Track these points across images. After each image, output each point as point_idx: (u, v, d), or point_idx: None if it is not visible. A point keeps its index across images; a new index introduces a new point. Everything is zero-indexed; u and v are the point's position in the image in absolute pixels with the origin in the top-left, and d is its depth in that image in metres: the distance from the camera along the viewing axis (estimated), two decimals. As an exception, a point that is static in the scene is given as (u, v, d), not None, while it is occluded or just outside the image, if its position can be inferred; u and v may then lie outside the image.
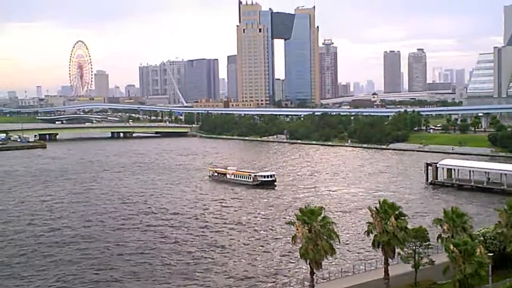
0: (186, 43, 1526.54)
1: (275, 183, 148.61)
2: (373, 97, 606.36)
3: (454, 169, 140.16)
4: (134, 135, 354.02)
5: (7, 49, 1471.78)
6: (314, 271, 55.40)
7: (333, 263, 69.01)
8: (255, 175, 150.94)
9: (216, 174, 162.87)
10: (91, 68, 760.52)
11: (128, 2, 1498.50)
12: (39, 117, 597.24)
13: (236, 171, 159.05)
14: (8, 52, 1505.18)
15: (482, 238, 62.14)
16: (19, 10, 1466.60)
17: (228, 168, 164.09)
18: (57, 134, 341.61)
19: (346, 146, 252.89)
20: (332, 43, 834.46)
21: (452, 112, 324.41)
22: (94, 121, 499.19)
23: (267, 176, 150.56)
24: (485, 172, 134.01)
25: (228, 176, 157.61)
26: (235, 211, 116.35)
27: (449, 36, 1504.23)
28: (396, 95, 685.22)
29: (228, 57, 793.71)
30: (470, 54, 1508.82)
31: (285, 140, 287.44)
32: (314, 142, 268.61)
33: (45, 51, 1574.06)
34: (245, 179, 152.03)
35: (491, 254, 56.67)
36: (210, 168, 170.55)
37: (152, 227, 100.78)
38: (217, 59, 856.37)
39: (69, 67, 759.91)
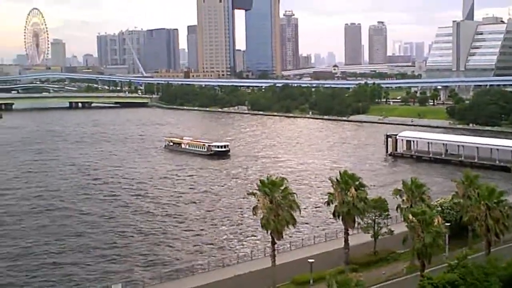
0: (145, 13, 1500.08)
1: (229, 153, 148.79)
2: (334, 69, 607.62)
3: (413, 141, 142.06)
4: (93, 105, 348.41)
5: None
6: (275, 241, 55.50)
7: (294, 233, 69.28)
8: (209, 145, 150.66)
9: (171, 144, 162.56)
10: (47, 36, 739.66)
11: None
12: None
13: (191, 141, 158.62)
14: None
15: (439, 209, 63.28)
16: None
17: (184, 138, 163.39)
18: (12, 103, 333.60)
19: (307, 117, 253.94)
20: (293, 15, 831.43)
21: (412, 85, 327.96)
22: (51, 91, 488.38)
23: (221, 147, 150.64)
24: (443, 144, 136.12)
25: (183, 146, 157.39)
26: (186, 182, 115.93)
27: (409, 10, 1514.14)
28: (356, 67, 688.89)
29: (188, 27, 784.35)
30: (430, 28, 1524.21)
31: (246, 112, 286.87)
32: (275, 113, 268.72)
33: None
34: (199, 149, 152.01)
35: (448, 224, 57.86)
36: (165, 138, 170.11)
37: (107, 197, 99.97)
38: (177, 29, 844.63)
39: (25, 36, 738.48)
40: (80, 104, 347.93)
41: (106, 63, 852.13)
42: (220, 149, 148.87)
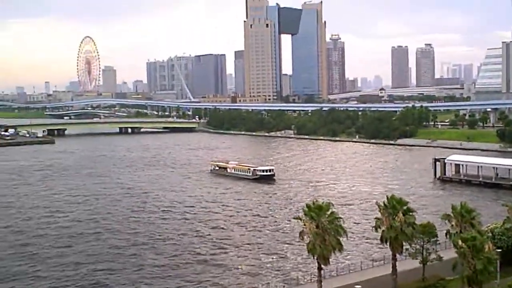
0: (193, 39, 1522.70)
1: (274, 177, 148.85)
2: (381, 92, 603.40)
3: (462, 165, 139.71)
4: (142, 130, 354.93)
5: (15, 44, 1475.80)
6: (322, 266, 55.40)
7: (341, 258, 68.93)
8: (254, 169, 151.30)
9: (217, 168, 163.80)
10: (99, 63, 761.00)
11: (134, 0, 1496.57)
12: (47, 113, 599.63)
13: (237, 165, 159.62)
14: (16, 47, 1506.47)
15: (490, 234, 61.72)
16: (24, 5, 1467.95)
17: (229, 162, 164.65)
18: (65, 129, 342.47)
19: (354, 141, 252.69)
20: (340, 38, 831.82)
21: (460, 107, 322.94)
22: (102, 117, 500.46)
23: (266, 171, 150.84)
24: (494, 168, 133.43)
25: (228, 170, 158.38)
26: (231, 205, 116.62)
27: (457, 31, 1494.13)
28: (404, 90, 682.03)
29: (235, 52, 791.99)
30: (478, 49, 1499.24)
31: (293, 136, 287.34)
32: (321, 137, 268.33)
33: (52, 46, 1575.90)
34: (244, 173, 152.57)
35: (500, 250, 56.53)
36: (211, 162, 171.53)
37: (156, 221, 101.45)
38: (224, 55, 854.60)
39: (77, 63, 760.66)
40: (129, 129, 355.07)
41: (155, 89, 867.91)
42: (265, 173, 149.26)
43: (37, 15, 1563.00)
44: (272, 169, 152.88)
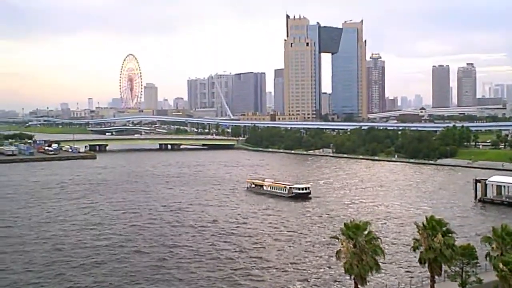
0: (234, 57, 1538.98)
1: (310, 195, 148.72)
2: (421, 111, 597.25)
3: (504, 186, 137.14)
4: (181, 147, 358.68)
5: (60, 60, 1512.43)
6: (359, 286, 55.27)
7: (378, 278, 68.54)
8: (290, 187, 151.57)
9: (253, 185, 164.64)
10: (141, 81, 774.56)
11: (175, 16, 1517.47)
12: (90, 128, 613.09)
13: (273, 183, 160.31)
14: (61, 64, 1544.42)
15: (532, 258, 60.79)
16: (68, 23, 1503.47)
17: (265, 180, 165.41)
18: (107, 145, 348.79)
19: (393, 161, 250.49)
20: (380, 57, 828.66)
21: (503, 128, 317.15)
22: (143, 133, 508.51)
23: (302, 189, 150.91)
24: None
25: (264, 188, 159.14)
26: (267, 223, 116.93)
27: (500, 50, 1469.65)
28: (444, 110, 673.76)
29: (275, 70, 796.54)
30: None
31: (331, 154, 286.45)
32: (360, 156, 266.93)
33: (96, 63, 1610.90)
34: (280, 191, 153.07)
35: (542, 274, 55.50)
36: (248, 180, 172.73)
37: (195, 235, 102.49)
38: (264, 73, 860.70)
39: (120, 80, 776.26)
40: (169, 146, 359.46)
41: (195, 106, 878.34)
42: (301, 191, 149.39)
43: (77, 30, 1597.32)
44: (308, 187, 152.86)
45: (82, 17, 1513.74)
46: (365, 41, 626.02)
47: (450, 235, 58.27)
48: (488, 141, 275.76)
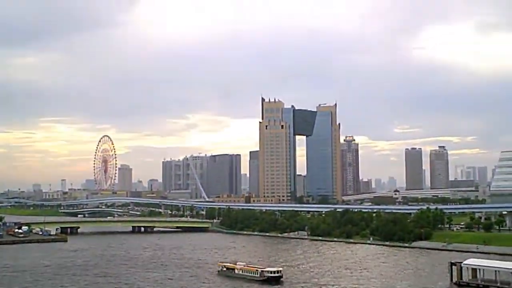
0: (209, 139, 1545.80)
1: (282, 279, 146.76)
2: (395, 194, 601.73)
3: (479, 269, 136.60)
4: (155, 229, 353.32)
5: (33, 143, 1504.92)
6: None
7: None
8: (262, 271, 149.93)
9: (225, 269, 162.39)
10: (116, 162, 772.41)
11: (149, 102, 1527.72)
12: (62, 210, 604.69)
13: (244, 266, 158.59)
14: (34, 148, 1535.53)
15: None
16: (47, 106, 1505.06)
17: (237, 263, 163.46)
18: (78, 227, 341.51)
19: (368, 243, 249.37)
20: (354, 140, 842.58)
21: (476, 210, 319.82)
22: (116, 215, 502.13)
23: (274, 272, 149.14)
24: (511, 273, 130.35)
25: (236, 271, 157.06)
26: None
27: (471, 134, 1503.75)
28: (418, 192, 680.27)
29: (250, 152, 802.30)
30: (493, 152, 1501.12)
31: (306, 237, 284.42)
32: (335, 239, 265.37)
33: (70, 145, 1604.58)
34: (252, 274, 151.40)
35: None
36: (219, 263, 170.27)
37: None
38: (239, 155, 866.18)
39: (94, 161, 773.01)
40: (142, 228, 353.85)
41: (170, 188, 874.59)
42: (273, 275, 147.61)
43: (62, 115, 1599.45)
44: (280, 271, 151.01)
45: (59, 102, 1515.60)
46: (339, 124, 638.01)
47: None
48: (462, 223, 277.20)
